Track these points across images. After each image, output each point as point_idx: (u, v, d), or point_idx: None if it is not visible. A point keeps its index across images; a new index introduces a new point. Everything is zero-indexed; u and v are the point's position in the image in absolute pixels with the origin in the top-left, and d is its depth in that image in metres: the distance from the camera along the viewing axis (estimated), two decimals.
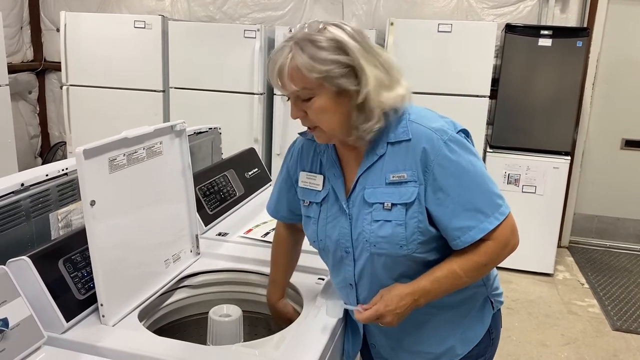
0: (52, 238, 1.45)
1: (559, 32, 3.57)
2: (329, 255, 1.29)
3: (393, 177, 1.14)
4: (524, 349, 2.88)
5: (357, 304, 1.27)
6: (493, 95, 3.67)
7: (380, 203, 1.16)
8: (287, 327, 1.33)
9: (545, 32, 3.56)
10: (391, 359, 1.36)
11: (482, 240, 1.13)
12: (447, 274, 1.16)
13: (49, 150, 5.10)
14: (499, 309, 1.36)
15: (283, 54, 1.09)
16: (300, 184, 1.31)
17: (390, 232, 1.15)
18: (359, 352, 1.43)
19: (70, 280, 1.23)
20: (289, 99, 1.16)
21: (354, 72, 1.08)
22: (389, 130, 1.16)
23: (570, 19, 4.05)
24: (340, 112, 1.12)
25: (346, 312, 1.36)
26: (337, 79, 1.08)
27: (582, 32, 3.59)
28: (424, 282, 1.16)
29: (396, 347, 1.33)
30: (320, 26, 1.09)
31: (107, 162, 1.26)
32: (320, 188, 1.27)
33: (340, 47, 1.07)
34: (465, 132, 1.19)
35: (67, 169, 1.50)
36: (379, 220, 1.16)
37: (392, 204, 1.14)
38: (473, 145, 1.19)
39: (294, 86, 1.09)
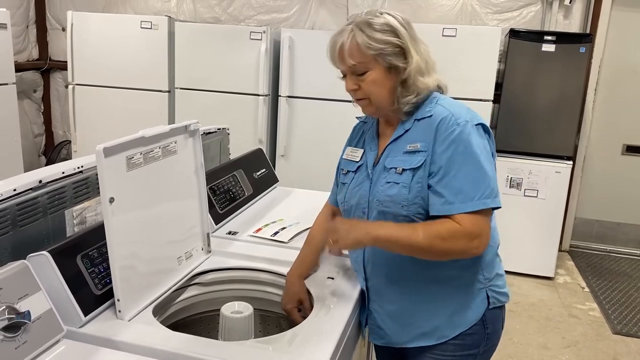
0: (68, 234, 1.48)
1: (562, 38, 3.60)
2: (351, 216, 1.43)
3: (410, 147, 1.31)
4: (525, 351, 2.90)
5: (364, 267, 1.43)
6: (496, 99, 3.70)
7: (395, 168, 1.32)
8: (295, 319, 1.40)
9: (549, 37, 3.59)
10: (385, 329, 1.43)
11: (453, 219, 1.23)
12: (407, 227, 1.26)
13: (53, 149, 5.12)
14: (500, 308, 1.40)
15: (344, 34, 1.29)
16: (345, 157, 1.50)
17: (396, 192, 1.30)
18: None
19: (87, 275, 1.25)
20: (344, 76, 1.35)
21: (402, 52, 1.29)
22: (419, 109, 1.34)
23: (573, 25, 4.09)
24: (388, 86, 1.31)
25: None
26: (389, 56, 1.28)
27: (585, 38, 3.62)
28: (384, 223, 1.30)
29: (392, 316, 1.41)
30: (378, 13, 1.30)
31: (125, 160, 1.28)
32: (358, 159, 1.45)
33: (392, 30, 1.28)
34: (485, 128, 1.31)
35: (82, 166, 1.53)
36: (390, 182, 1.32)
37: (403, 169, 1.31)
38: (490, 143, 1.31)
39: (352, 61, 1.29)
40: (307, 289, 1.50)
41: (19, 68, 4.50)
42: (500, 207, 1.26)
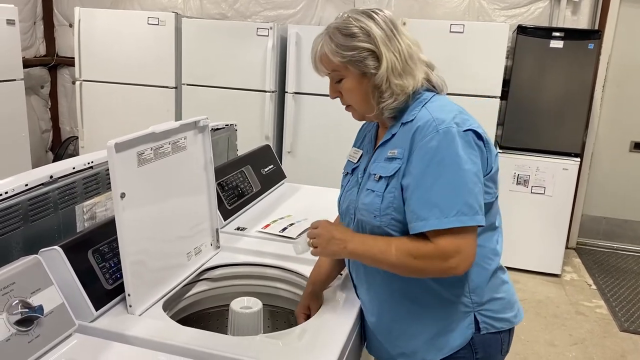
0: (78, 229, 1.48)
1: (570, 34, 3.58)
2: (344, 221, 1.39)
3: (389, 153, 1.24)
4: (532, 348, 2.90)
5: (351, 274, 1.40)
6: (504, 96, 3.69)
7: (374, 174, 1.26)
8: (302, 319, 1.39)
9: (557, 33, 3.57)
10: (372, 340, 1.39)
11: (427, 237, 1.15)
12: (383, 241, 1.20)
13: (61, 145, 5.14)
14: (497, 334, 1.27)
15: (317, 42, 1.25)
16: (347, 157, 1.44)
17: (369, 200, 1.24)
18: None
19: (98, 270, 1.26)
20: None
21: (376, 55, 1.20)
22: (405, 112, 1.25)
23: (582, 21, 4.06)
24: (362, 92, 1.24)
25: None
26: (360, 62, 1.20)
27: (594, 34, 3.60)
28: (362, 236, 1.25)
29: (374, 329, 1.36)
30: (349, 16, 1.23)
31: (135, 156, 1.29)
32: (356, 161, 1.39)
33: (365, 33, 1.19)
34: (476, 134, 1.17)
35: (92, 162, 1.53)
36: (368, 189, 1.26)
37: (380, 176, 1.24)
38: (484, 152, 1.18)
39: (325, 69, 1.26)
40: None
41: (27, 64, 4.51)
42: (482, 225, 1.16)
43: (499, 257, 1.30)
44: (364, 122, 1.45)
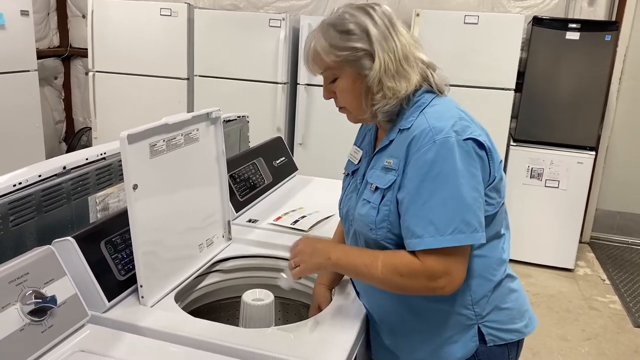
0: (90, 220, 1.49)
1: (587, 26, 3.52)
2: (344, 226, 1.35)
3: (386, 162, 1.18)
4: (544, 343, 2.88)
5: (352, 282, 1.38)
6: (518, 88, 3.65)
7: (371, 184, 1.20)
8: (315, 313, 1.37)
9: (573, 25, 3.52)
10: (378, 344, 1.35)
11: (417, 254, 1.09)
12: (369, 254, 1.16)
13: (74, 136, 5.18)
14: (504, 346, 1.21)
15: (310, 38, 1.19)
16: (348, 156, 1.38)
17: (365, 212, 1.19)
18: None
19: (111, 261, 1.26)
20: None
21: (370, 55, 1.13)
22: (403, 117, 1.18)
23: (598, 12, 4.00)
24: (357, 92, 1.18)
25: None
26: (354, 62, 1.14)
27: (611, 26, 3.54)
28: (347, 247, 1.24)
29: (382, 335, 1.32)
30: (344, 11, 1.16)
31: (148, 147, 1.29)
32: (356, 162, 1.33)
33: (362, 31, 1.13)
34: (478, 143, 1.10)
35: (105, 153, 1.54)
36: (364, 200, 1.21)
37: (376, 187, 1.18)
38: (486, 162, 1.12)
39: (318, 68, 1.19)
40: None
41: (40, 55, 4.53)
42: (483, 243, 1.11)
43: (505, 265, 1.24)
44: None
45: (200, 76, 4.00)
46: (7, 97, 3.62)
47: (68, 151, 5.04)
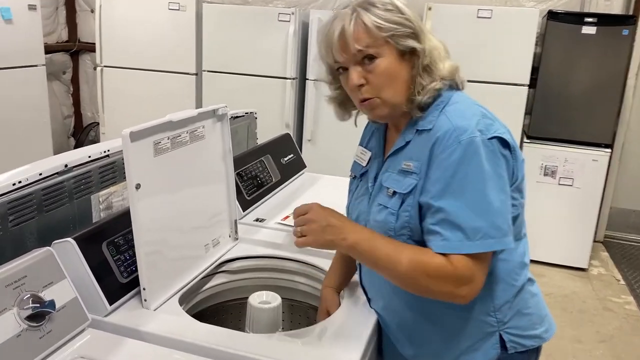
0: (94, 220, 1.45)
1: (603, 20, 3.44)
2: None
3: (404, 164, 1.11)
4: (557, 345, 2.82)
5: (361, 284, 1.32)
6: (532, 84, 3.58)
7: (387, 188, 1.14)
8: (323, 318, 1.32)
9: (589, 19, 3.43)
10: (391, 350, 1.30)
11: (448, 257, 1.02)
12: (394, 246, 1.07)
13: (82, 131, 5.16)
14: (526, 353, 1.17)
15: (344, 18, 1.09)
16: (355, 158, 1.31)
17: (383, 218, 1.13)
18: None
19: (113, 263, 1.22)
20: (344, 70, 1.12)
21: (415, 34, 1.09)
22: (422, 117, 1.12)
23: (615, 6, 3.90)
24: (403, 75, 1.10)
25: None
26: (403, 38, 1.08)
27: (629, 20, 3.45)
28: (367, 232, 1.10)
29: (399, 344, 1.26)
30: None
31: (152, 145, 1.24)
32: (364, 164, 1.27)
33: (399, 10, 1.09)
34: (502, 142, 1.05)
35: (108, 150, 1.50)
36: (380, 205, 1.15)
37: (394, 192, 1.12)
38: (512, 161, 1.07)
39: (359, 45, 1.07)
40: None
41: (49, 50, 4.52)
42: (511, 247, 1.06)
43: (527, 268, 1.19)
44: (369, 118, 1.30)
45: (208, 71, 3.96)
46: (14, 92, 3.60)
47: (76, 146, 5.03)
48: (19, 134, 3.64)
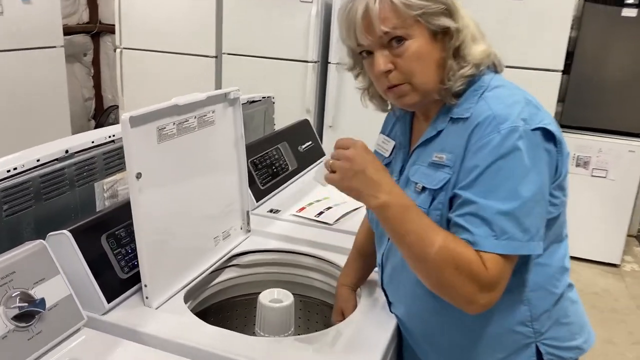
0: (97, 208, 1.37)
1: None
2: (376, 231, 1.20)
3: (436, 156, 1.01)
4: None
5: (382, 286, 1.20)
6: (566, 69, 3.39)
7: (415, 183, 1.04)
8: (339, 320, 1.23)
9: (630, 1, 3.23)
10: None
11: (480, 255, 0.91)
12: (429, 225, 0.94)
13: (102, 113, 5.13)
14: None
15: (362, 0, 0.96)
16: (376, 147, 1.20)
17: None
18: None
19: (113, 257, 1.14)
20: (368, 54, 1.01)
21: (449, 12, 0.97)
22: (457, 104, 1.01)
23: None
24: (435, 57, 0.99)
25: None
26: (436, 16, 0.96)
27: None
28: (405, 199, 0.96)
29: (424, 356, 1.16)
30: None
31: (155, 131, 1.15)
32: (387, 154, 1.18)
33: None
34: (547, 133, 0.94)
35: (114, 135, 1.41)
36: None
37: (423, 187, 1.02)
38: (556, 155, 0.97)
39: (385, 27, 0.96)
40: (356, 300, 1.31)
41: (70, 31, 4.47)
42: (537, 253, 0.95)
43: (567, 273, 1.09)
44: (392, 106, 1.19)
45: (228, 54, 3.86)
46: (33, 73, 3.56)
47: (96, 128, 5.00)
48: (37, 115, 3.61)
